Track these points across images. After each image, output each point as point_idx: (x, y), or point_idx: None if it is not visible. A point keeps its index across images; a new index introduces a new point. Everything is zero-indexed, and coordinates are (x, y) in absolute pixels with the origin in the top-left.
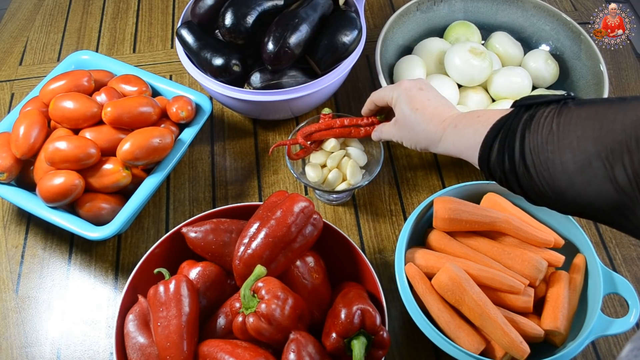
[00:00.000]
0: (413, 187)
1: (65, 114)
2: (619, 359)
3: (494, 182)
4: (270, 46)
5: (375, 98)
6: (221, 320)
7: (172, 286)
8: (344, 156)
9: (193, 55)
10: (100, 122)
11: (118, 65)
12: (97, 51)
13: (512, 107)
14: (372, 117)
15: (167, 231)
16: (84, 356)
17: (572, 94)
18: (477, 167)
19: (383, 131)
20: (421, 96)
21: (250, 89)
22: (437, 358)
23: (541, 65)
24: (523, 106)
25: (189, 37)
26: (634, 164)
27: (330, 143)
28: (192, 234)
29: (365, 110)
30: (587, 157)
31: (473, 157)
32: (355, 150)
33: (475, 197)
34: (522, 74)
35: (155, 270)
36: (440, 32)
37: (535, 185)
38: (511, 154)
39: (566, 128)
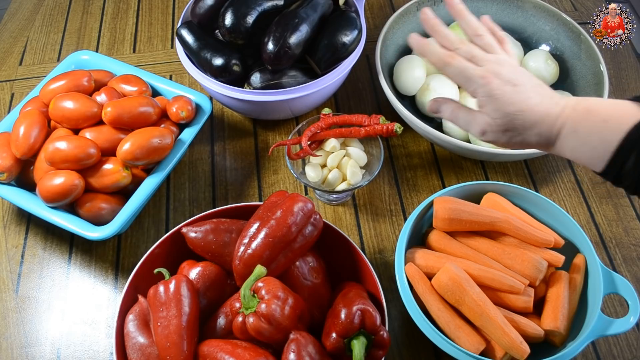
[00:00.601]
0: (413, 187)
1: (65, 114)
2: None
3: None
4: (270, 46)
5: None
6: (221, 320)
7: (172, 286)
8: (344, 156)
9: (193, 55)
10: (100, 122)
11: (118, 65)
12: (97, 51)
13: (637, 99)
14: (373, 116)
15: (167, 231)
16: (84, 356)
17: None
18: (595, 170)
19: (467, 122)
20: (520, 95)
21: (250, 89)
22: (437, 358)
23: (541, 65)
24: None
25: (189, 37)
26: None
27: (330, 143)
28: (192, 234)
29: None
30: None
31: (596, 166)
32: (355, 150)
33: (475, 197)
34: None
35: (155, 270)
36: None
37: None
38: None
39: None
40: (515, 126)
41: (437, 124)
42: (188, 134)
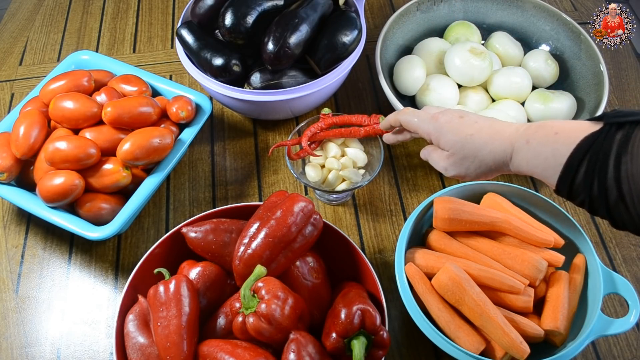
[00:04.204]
0: (413, 187)
1: (65, 114)
2: None
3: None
4: (270, 46)
5: (404, 120)
6: (221, 320)
7: (172, 286)
8: (344, 156)
9: (193, 55)
10: (100, 122)
11: (118, 65)
12: (97, 51)
13: (592, 119)
14: (373, 116)
15: (167, 231)
16: (84, 356)
17: None
18: (552, 187)
19: (434, 161)
20: (467, 122)
21: (250, 89)
22: (437, 358)
23: (541, 65)
24: (613, 124)
25: (189, 37)
26: None
27: (332, 151)
28: (192, 234)
29: (385, 124)
30: None
31: (551, 178)
32: (355, 150)
33: (475, 197)
34: (522, 74)
35: (155, 270)
36: (440, 32)
37: (628, 213)
38: (602, 180)
39: None
40: (468, 151)
41: None
42: (188, 134)
